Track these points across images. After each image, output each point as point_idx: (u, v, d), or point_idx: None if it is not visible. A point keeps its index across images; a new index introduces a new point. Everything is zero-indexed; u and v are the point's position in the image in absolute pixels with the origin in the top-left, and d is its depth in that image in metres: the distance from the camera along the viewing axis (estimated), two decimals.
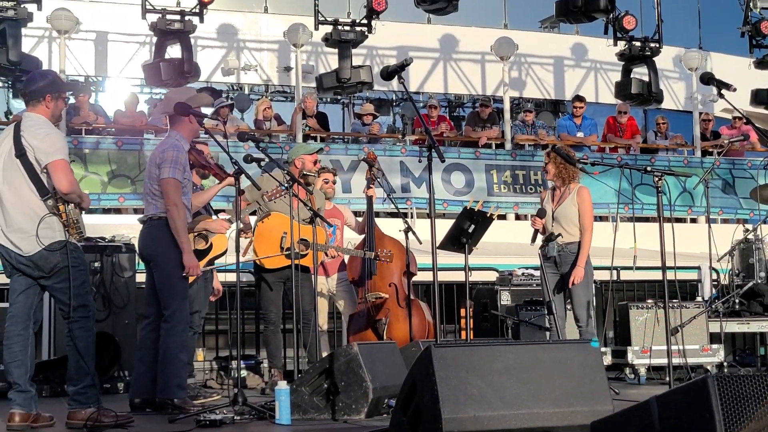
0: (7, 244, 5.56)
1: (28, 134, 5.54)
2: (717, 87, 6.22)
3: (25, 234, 5.49)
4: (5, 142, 5.63)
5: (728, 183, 14.55)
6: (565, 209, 7.53)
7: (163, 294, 6.43)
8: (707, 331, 9.34)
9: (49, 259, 5.51)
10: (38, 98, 5.67)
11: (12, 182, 5.54)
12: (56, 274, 5.54)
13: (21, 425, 5.47)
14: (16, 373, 5.56)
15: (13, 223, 5.53)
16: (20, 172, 5.52)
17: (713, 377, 2.71)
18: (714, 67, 15.59)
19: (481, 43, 15.89)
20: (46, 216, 5.49)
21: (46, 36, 14.35)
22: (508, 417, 3.96)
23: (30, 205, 5.51)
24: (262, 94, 16.76)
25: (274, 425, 5.56)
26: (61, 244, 5.52)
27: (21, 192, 5.52)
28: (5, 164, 5.56)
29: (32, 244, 5.48)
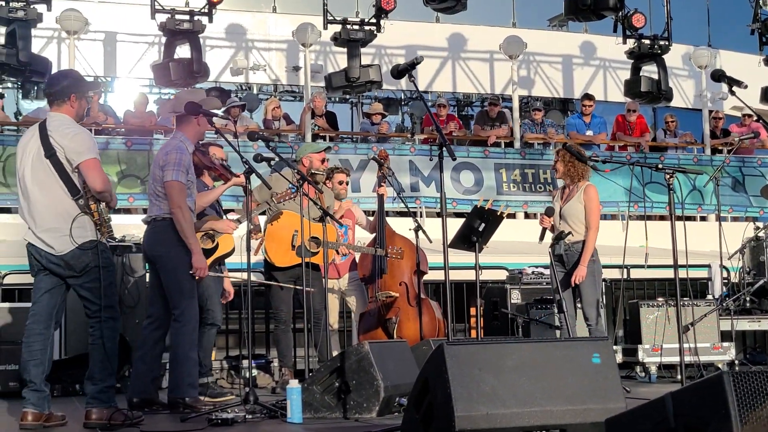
0: (38, 243, 5.58)
1: (57, 134, 5.55)
2: (728, 84, 6.20)
3: (58, 233, 5.51)
4: (31, 142, 5.64)
5: (738, 181, 14.51)
6: (572, 207, 7.51)
7: (170, 294, 6.44)
8: (718, 329, 9.33)
9: (81, 258, 5.53)
10: (63, 98, 5.67)
11: (42, 183, 5.55)
12: (86, 273, 5.56)
13: (34, 424, 5.49)
14: (34, 372, 5.57)
15: (45, 223, 5.54)
16: (51, 173, 5.53)
17: (729, 373, 2.71)
18: (723, 65, 15.55)
19: (490, 42, 15.88)
20: (78, 215, 5.51)
21: (55, 36, 14.40)
22: (520, 414, 3.95)
23: (62, 205, 5.52)
24: (271, 94, 16.77)
25: (285, 424, 5.57)
26: (92, 243, 5.56)
27: (52, 192, 5.53)
28: (34, 165, 5.57)
29: (65, 243, 5.50)
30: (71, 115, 5.68)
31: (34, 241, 5.59)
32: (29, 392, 5.56)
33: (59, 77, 5.93)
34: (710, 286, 11.14)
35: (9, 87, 16.13)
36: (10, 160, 12.07)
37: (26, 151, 5.63)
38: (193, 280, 6.50)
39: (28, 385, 5.57)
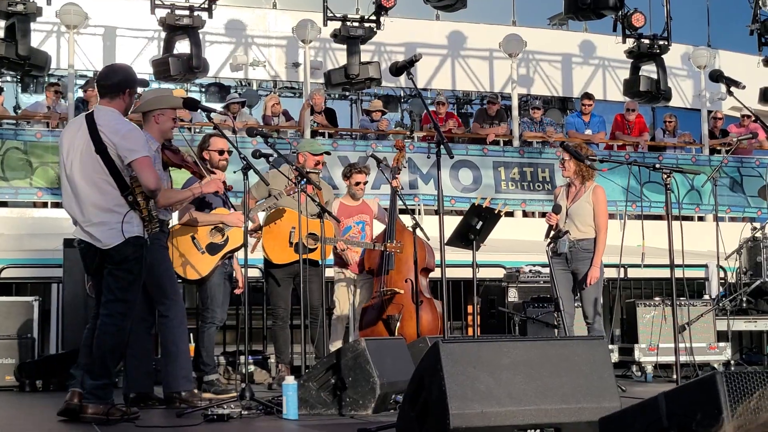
0: (87, 237, 5.60)
1: (108, 130, 5.53)
2: (726, 84, 6.21)
3: (106, 227, 5.53)
4: (78, 136, 5.61)
5: (736, 181, 14.52)
6: (580, 207, 7.51)
7: (153, 292, 6.47)
8: (714, 329, 9.35)
9: (124, 251, 5.54)
10: (118, 92, 5.69)
11: (91, 178, 5.55)
12: (122, 263, 5.57)
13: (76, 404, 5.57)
14: None
15: (94, 218, 5.55)
16: (100, 168, 5.52)
17: (722, 374, 2.72)
18: (722, 65, 15.55)
19: (490, 40, 15.89)
20: (128, 212, 5.54)
21: (54, 31, 14.38)
22: (515, 413, 3.96)
23: (112, 201, 5.54)
24: (270, 90, 16.77)
25: (281, 420, 5.58)
26: (139, 240, 5.59)
27: (101, 188, 5.54)
28: (83, 160, 5.56)
29: (113, 237, 5.52)
30: (121, 110, 5.71)
31: (82, 235, 5.61)
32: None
33: (116, 70, 5.94)
34: (707, 286, 11.16)
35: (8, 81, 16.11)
36: (9, 154, 12.08)
37: (74, 145, 5.61)
38: (172, 275, 6.52)
39: None
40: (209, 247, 7.25)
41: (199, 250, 7.24)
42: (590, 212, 7.48)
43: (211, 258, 7.24)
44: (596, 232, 7.48)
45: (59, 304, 9.40)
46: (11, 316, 8.66)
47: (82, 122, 5.67)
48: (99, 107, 5.70)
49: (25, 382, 8.42)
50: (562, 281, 7.47)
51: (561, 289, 7.43)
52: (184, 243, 7.24)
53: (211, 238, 7.27)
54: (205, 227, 7.27)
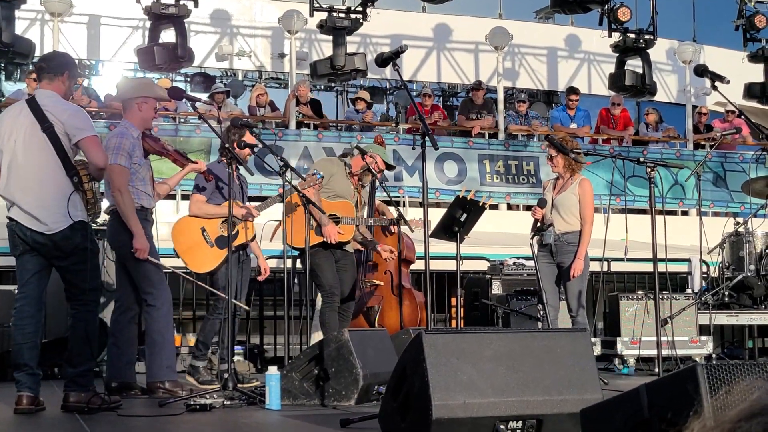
0: (26, 220, 5.43)
1: (55, 109, 5.45)
2: (711, 79, 6.24)
3: (52, 210, 5.39)
4: (21, 117, 5.50)
5: (719, 176, 14.59)
6: (565, 198, 7.50)
7: (139, 282, 6.47)
8: (696, 322, 9.40)
9: (71, 238, 5.43)
10: (57, 73, 5.58)
11: (37, 157, 5.43)
12: (74, 255, 5.46)
13: (30, 408, 5.44)
14: (28, 355, 5.50)
15: (36, 200, 5.41)
16: (47, 147, 5.41)
17: (702, 365, 2.73)
18: (707, 61, 15.57)
19: (476, 33, 15.90)
20: (72, 193, 5.42)
21: (39, 18, 14.31)
22: (497, 404, 3.97)
23: (57, 181, 5.42)
24: (256, 81, 16.73)
25: (263, 410, 5.58)
26: (83, 224, 5.48)
27: (47, 167, 5.42)
28: (27, 139, 5.44)
29: (60, 221, 5.39)
30: (61, 93, 5.60)
31: (20, 218, 5.44)
32: (24, 376, 5.48)
33: (55, 54, 6.00)
34: (690, 281, 11.22)
35: None
36: None
37: (16, 126, 5.48)
38: (158, 264, 6.52)
39: (22, 368, 5.49)
40: (219, 240, 7.21)
41: (208, 243, 7.20)
42: (576, 204, 7.48)
43: (220, 252, 7.20)
44: (582, 224, 7.49)
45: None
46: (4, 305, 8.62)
47: (23, 106, 5.57)
48: (39, 90, 5.62)
49: (6, 371, 8.37)
50: (546, 274, 7.48)
51: (546, 281, 7.43)
52: (193, 235, 7.20)
53: (221, 230, 7.25)
54: (215, 219, 7.23)
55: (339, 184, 7.69)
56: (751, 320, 10.18)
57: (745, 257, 10.36)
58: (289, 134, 13.17)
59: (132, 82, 6.93)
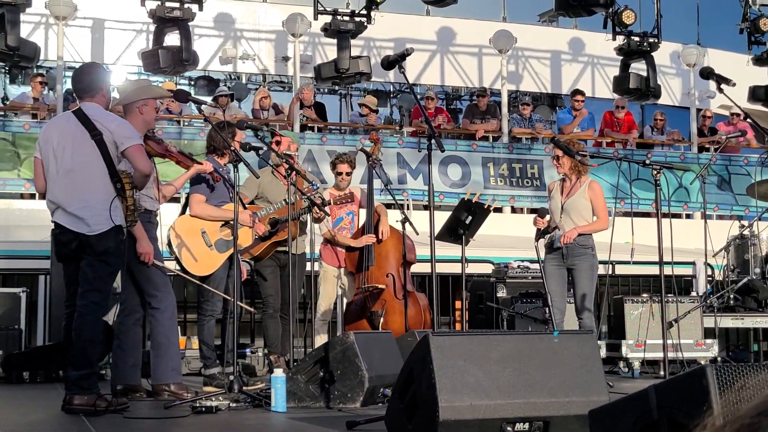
0: (68, 223, 5.62)
1: (103, 120, 5.67)
2: (716, 82, 6.23)
3: (93, 212, 5.57)
4: (68, 127, 5.71)
5: (724, 179, 14.58)
6: (576, 202, 7.47)
7: (143, 285, 6.48)
8: (702, 326, 9.39)
9: (105, 241, 5.58)
10: (94, 90, 5.81)
11: (85, 163, 5.63)
12: (101, 255, 5.60)
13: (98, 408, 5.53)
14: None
15: (81, 200, 5.60)
16: (95, 153, 5.61)
17: (711, 366, 2.73)
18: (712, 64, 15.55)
19: (480, 36, 15.89)
20: (114, 198, 5.60)
21: (43, 22, 14.33)
22: (504, 406, 3.96)
23: (102, 186, 5.61)
24: (260, 84, 16.74)
25: (269, 412, 5.58)
26: (119, 230, 5.65)
27: (94, 172, 5.62)
28: (76, 147, 5.65)
29: (101, 224, 5.55)
30: (103, 105, 5.83)
31: (63, 220, 5.63)
32: None
33: (84, 71, 6.07)
34: (695, 284, 11.21)
35: None
36: None
37: (65, 133, 5.69)
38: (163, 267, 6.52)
39: None
40: (218, 243, 7.21)
41: (207, 245, 7.20)
42: (586, 207, 7.47)
43: (219, 255, 7.20)
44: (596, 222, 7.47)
45: (47, 295, 9.38)
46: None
47: (70, 116, 5.79)
48: (84, 104, 5.81)
49: (12, 373, 8.39)
50: (555, 276, 7.46)
51: (553, 284, 7.41)
52: (193, 236, 7.20)
53: (221, 234, 7.24)
54: (215, 222, 7.24)
55: (268, 191, 7.85)
56: (757, 323, 10.17)
57: (750, 260, 10.36)
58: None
59: (130, 85, 6.94)
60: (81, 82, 5.91)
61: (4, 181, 12.13)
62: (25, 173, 12.02)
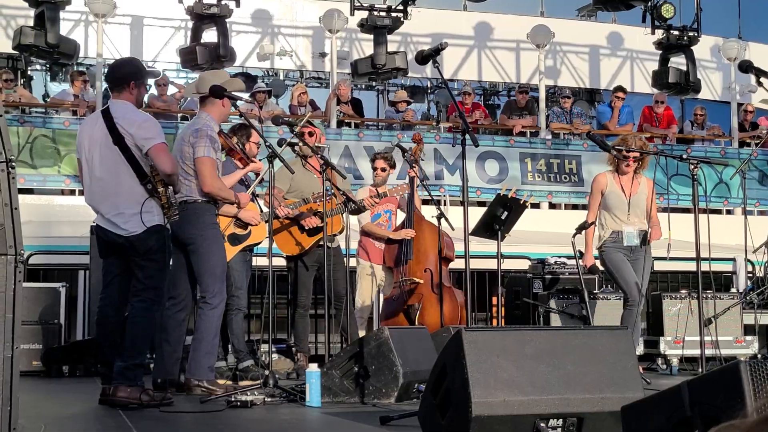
0: (107, 225, 5.72)
1: (125, 122, 5.67)
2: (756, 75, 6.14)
3: (125, 218, 5.65)
4: (96, 130, 5.75)
5: (765, 174, 14.39)
6: (639, 198, 7.45)
7: (202, 277, 6.42)
8: (741, 322, 9.28)
9: (147, 241, 5.65)
10: (123, 84, 5.80)
11: (111, 169, 5.68)
12: (147, 254, 5.68)
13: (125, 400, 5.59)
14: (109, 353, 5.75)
15: (115, 209, 5.67)
16: (120, 159, 5.65)
17: (745, 362, 2.69)
18: (753, 57, 15.36)
19: (517, 31, 15.82)
20: (147, 200, 5.64)
21: (83, 20, 14.48)
22: (538, 402, 3.94)
23: (131, 190, 5.65)
24: (297, 80, 16.79)
25: (304, 407, 5.59)
26: (159, 228, 5.70)
27: (121, 178, 5.66)
28: (102, 152, 5.70)
29: (135, 225, 5.62)
30: (131, 102, 5.82)
31: (103, 223, 5.75)
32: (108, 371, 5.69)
33: (119, 65, 6.11)
34: (734, 280, 11.08)
35: (37, 69, 16.25)
36: (37, 141, 12.17)
37: (93, 139, 5.74)
38: (225, 263, 6.51)
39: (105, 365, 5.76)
40: (231, 237, 7.24)
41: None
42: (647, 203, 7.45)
43: (231, 248, 7.22)
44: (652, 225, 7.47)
45: (86, 290, 9.48)
46: (38, 302, 8.74)
47: (99, 117, 5.84)
48: (113, 101, 5.84)
49: (51, 367, 8.49)
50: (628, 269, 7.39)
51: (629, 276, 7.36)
52: None
53: (234, 228, 7.28)
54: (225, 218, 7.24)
55: (300, 183, 7.84)
56: None
57: None
58: (330, 133, 13.20)
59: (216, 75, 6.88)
60: (111, 76, 5.97)
61: (44, 178, 12.27)
62: (65, 170, 12.15)
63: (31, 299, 8.65)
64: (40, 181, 12.35)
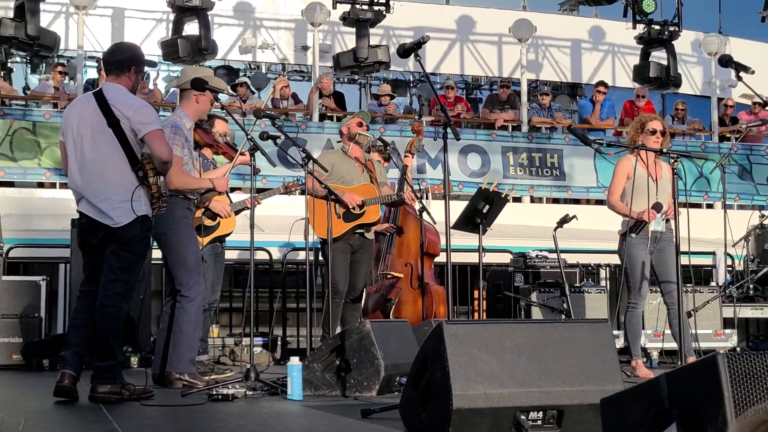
0: (93, 214, 5.53)
1: (121, 105, 5.52)
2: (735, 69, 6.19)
3: (116, 203, 5.48)
4: (88, 111, 5.58)
5: (745, 169, 14.47)
6: (665, 182, 7.28)
7: (175, 271, 6.44)
8: (720, 316, 9.35)
9: (130, 231, 5.51)
10: (123, 69, 5.66)
11: (104, 152, 5.51)
12: (126, 244, 5.53)
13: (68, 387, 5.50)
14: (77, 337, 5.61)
15: (103, 193, 5.50)
16: (114, 143, 5.49)
17: (723, 354, 2.71)
18: (733, 52, 15.44)
19: (499, 25, 15.84)
20: (137, 188, 5.50)
21: (64, 11, 14.40)
22: (518, 394, 3.96)
23: (122, 176, 5.50)
24: (279, 73, 16.76)
25: (285, 401, 5.60)
26: (145, 219, 5.57)
27: (113, 162, 5.50)
28: (94, 135, 5.53)
29: (124, 215, 5.47)
30: (128, 87, 5.67)
31: (88, 211, 5.54)
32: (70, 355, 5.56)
33: (122, 48, 5.95)
34: (714, 274, 11.15)
35: (17, 61, 16.15)
36: (17, 134, 12.10)
37: (84, 120, 5.57)
38: (198, 256, 6.51)
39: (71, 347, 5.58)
40: (198, 229, 7.16)
41: None
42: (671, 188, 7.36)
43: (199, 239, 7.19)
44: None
45: (66, 284, 9.44)
46: (19, 296, 8.69)
47: (90, 98, 5.66)
48: (107, 84, 5.69)
49: (31, 361, 8.45)
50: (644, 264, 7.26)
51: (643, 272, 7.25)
52: None
53: (202, 219, 7.24)
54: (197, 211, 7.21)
55: (342, 168, 7.71)
56: None
57: None
58: (312, 126, 13.20)
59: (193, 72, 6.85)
60: (112, 56, 5.75)
61: (24, 170, 12.20)
62: (46, 162, 12.09)
63: (11, 293, 8.61)
64: (21, 174, 12.28)
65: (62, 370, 5.53)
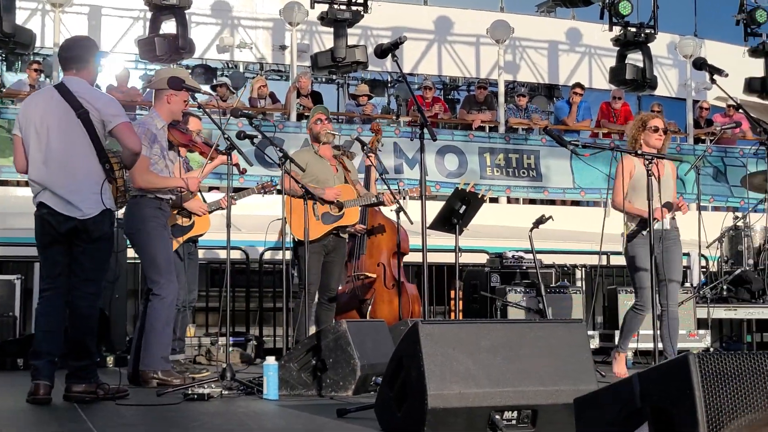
0: (58, 206, 5.39)
1: (90, 98, 5.44)
2: (709, 72, 6.24)
3: (85, 195, 5.38)
4: (53, 104, 5.46)
5: (720, 170, 14.59)
6: (668, 180, 7.26)
7: (146, 271, 6.47)
8: (695, 316, 9.42)
9: (101, 225, 5.43)
10: (82, 62, 5.57)
11: (73, 143, 5.41)
12: (98, 241, 5.45)
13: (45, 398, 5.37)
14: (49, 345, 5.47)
15: (70, 184, 5.38)
16: (81, 133, 5.40)
17: (695, 354, 2.75)
18: (708, 55, 15.56)
19: (477, 26, 15.89)
20: (105, 181, 5.42)
21: (40, 9, 14.31)
22: (493, 394, 3.98)
23: (90, 168, 5.41)
24: (257, 73, 16.73)
25: (261, 400, 5.59)
26: (111, 213, 5.51)
27: (82, 153, 5.41)
28: (61, 126, 5.41)
29: (92, 206, 5.38)
30: (89, 80, 5.60)
31: (53, 203, 5.39)
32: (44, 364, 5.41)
33: (77, 41, 5.84)
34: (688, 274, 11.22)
35: None
36: None
37: (49, 112, 5.44)
38: (169, 254, 6.51)
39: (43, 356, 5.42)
40: (173, 228, 7.14)
41: None
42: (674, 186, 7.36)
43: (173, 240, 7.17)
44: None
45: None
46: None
47: (53, 91, 5.54)
48: (69, 78, 5.58)
49: (6, 360, 8.41)
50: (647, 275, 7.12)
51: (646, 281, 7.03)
52: None
53: (177, 219, 7.23)
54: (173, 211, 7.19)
55: (315, 168, 7.63)
56: (750, 314, 10.20)
57: (744, 251, 10.39)
58: (290, 126, 13.19)
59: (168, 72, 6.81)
60: (70, 51, 5.62)
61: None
62: None
63: None
64: None
65: (36, 381, 5.39)
